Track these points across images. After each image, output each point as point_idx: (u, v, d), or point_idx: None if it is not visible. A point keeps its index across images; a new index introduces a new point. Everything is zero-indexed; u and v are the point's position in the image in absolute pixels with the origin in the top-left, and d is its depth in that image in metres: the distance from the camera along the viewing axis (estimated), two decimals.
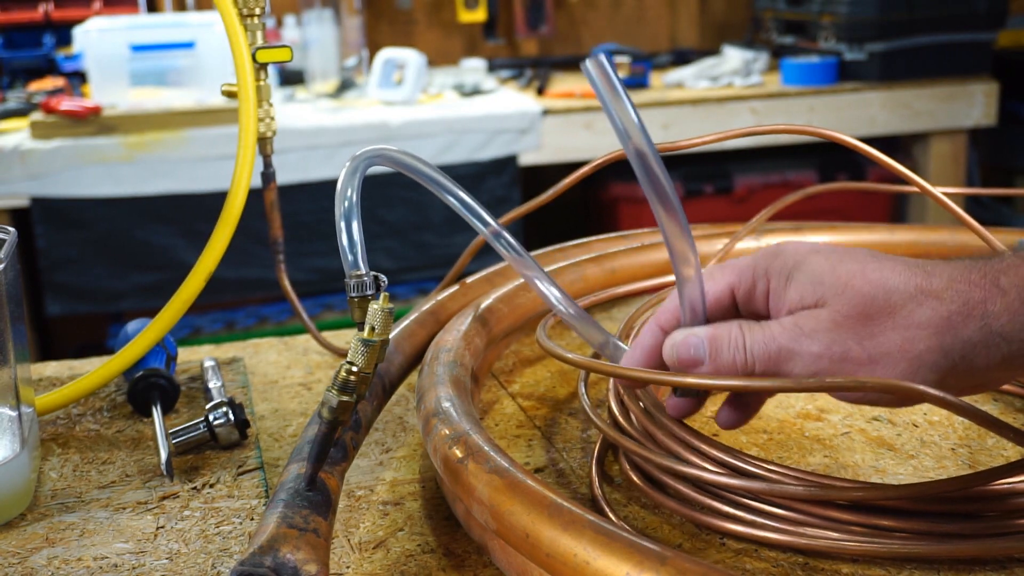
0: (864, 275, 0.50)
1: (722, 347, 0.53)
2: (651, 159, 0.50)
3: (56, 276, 2.28)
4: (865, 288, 0.50)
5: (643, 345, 0.57)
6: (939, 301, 0.49)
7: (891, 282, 0.50)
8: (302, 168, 2.32)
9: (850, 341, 0.50)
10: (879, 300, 0.49)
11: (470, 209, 0.65)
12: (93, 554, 0.58)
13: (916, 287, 0.49)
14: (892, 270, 0.50)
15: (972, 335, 0.48)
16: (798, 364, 0.51)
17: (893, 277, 0.50)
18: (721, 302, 0.55)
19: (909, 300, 0.49)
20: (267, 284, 2.36)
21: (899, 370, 0.49)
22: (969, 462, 0.64)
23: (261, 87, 0.78)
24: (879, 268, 0.50)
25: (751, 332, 0.52)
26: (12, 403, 0.62)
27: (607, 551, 0.44)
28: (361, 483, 0.65)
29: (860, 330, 0.50)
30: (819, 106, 2.62)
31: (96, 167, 2.23)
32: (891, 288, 0.49)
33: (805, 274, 0.52)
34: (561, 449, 0.68)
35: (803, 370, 0.51)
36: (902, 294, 0.49)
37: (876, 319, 0.49)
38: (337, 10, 2.93)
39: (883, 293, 0.49)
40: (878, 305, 0.49)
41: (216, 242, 0.74)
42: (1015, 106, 2.88)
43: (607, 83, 0.49)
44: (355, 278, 0.64)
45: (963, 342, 0.48)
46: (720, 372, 0.53)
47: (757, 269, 0.54)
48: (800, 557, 0.54)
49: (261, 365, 0.86)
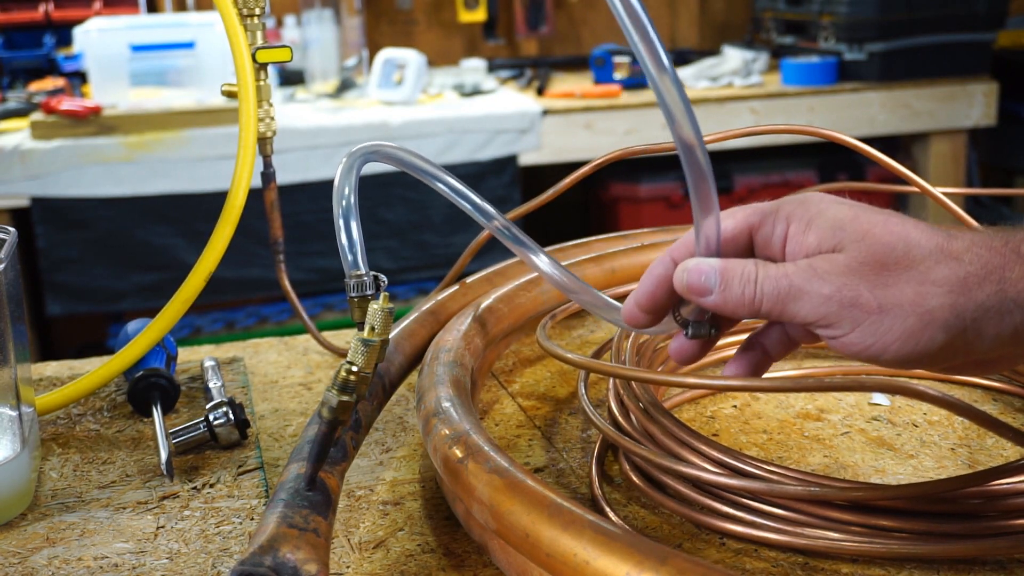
0: (886, 226, 0.50)
1: (733, 278, 0.51)
2: (670, 80, 0.49)
3: (56, 276, 2.28)
4: (886, 238, 0.49)
5: (654, 273, 0.56)
6: (958, 262, 0.48)
7: (912, 236, 0.49)
8: (302, 168, 2.32)
9: (862, 287, 0.49)
10: (898, 251, 0.49)
11: (466, 198, 0.65)
12: (93, 554, 0.58)
13: (937, 246, 0.49)
14: (915, 227, 0.50)
15: (986, 299, 0.48)
16: (805, 305, 0.50)
17: (915, 233, 0.49)
18: (737, 240, 0.54)
19: (928, 256, 0.49)
20: (267, 284, 2.36)
21: (908, 324, 0.48)
22: (969, 462, 0.64)
23: (261, 87, 0.78)
24: (902, 223, 0.50)
25: (764, 268, 0.51)
26: (12, 403, 0.62)
27: (607, 551, 0.44)
28: (361, 483, 0.65)
29: (874, 278, 0.49)
30: (819, 106, 2.62)
31: (96, 167, 2.23)
32: (912, 242, 0.49)
33: (826, 220, 0.51)
34: (561, 449, 0.68)
35: (810, 312, 0.50)
36: (922, 249, 0.49)
37: (892, 269, 0.49)
38: (337, 10, 2.93)
39: (903, 245, 0.49)
40: (896, 256, 0.49)
41: (216, 242, 0.74)
42: (1015, 106, 2.88)
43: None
44: (355, 278, 0.64)
45: (976, 305, 0.48)
46: (728, 304, 0.52)
47: (779, 212, 0.53)
48: (800, 557, 0.54)
49: (261, 365, 0.86)
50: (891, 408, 0.72)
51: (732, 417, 0.72)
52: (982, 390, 0.74)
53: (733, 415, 0.72)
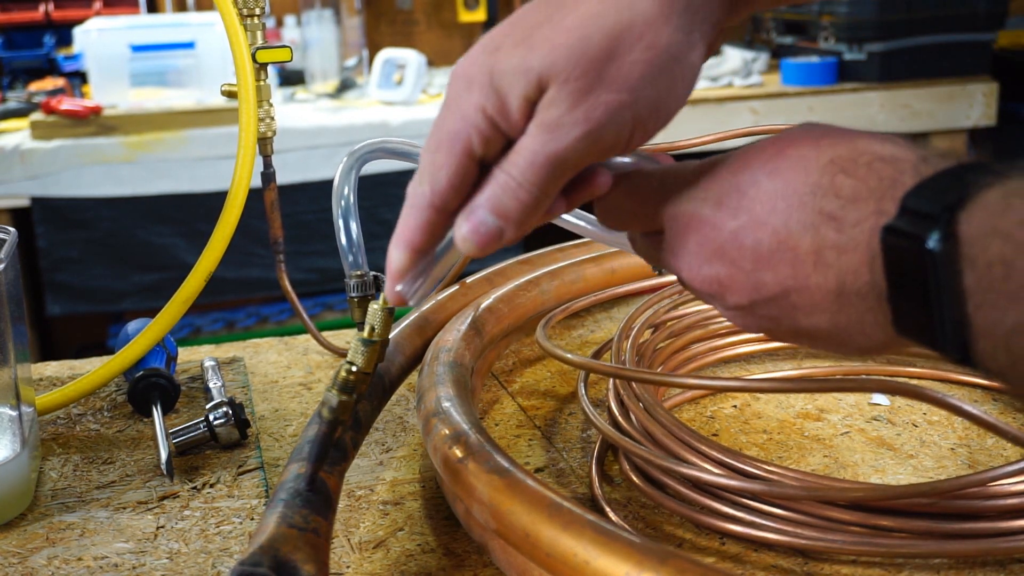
0: (565, 30, 0.43)
1: (504, 200, 0.44)
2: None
3: (57, 276, 2.28)
4: (574, 43, 0.42)
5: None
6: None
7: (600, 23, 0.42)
8: (302, 168, 2.32)
9: (590, 93, 0.42)
10: (593, 45, 0.42)
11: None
12: (93, 554, 0.58)
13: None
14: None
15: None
16: (572, 160, 0.43)
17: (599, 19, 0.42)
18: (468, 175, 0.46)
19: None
20: (267, 284, 2.36)
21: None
22: (968, 462, 0.64)
23: (261, 87, 0.78)
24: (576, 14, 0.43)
25: (509, 164, 0.44)
26: (12, 403, 0.62)
27: (607, 551, 0.44)
28: (361, 483, 0.65)
29: (597, 79, 0.42)
30: (819, 106, 2.62)
31: (96, 167, 2.23)
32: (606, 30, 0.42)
33: (515, 73, 0.43)
34: (561, 449, 0.68)
35: (578, 160, 0.44)
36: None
37: (601, 66, 0.42)
38: (337, 10, 2.93)
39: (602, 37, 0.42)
40: (595, 51, 0.42)
41: (216, 242, 0.74)
42: (1014, 106, 2.88)
43: None
44: (355, 278, 0.64)
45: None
46: (520, 223, 0.45)
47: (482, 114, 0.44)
48: (800, 557, 0.54)
49: (261, 365, 0.86)
50: (891, 408, 0.72)
51: (732, 417, 0.72)
52: (982, 390, 0.74)
53: (733, 415, 0.72)
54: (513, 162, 0.44)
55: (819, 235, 0.41)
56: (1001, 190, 0.35)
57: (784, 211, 0.42)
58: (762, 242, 0.42)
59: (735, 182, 0.44)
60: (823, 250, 0.41)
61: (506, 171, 0.44)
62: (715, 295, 0.45)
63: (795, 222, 0.41)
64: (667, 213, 0.46)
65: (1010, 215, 0.34)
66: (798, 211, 0.41)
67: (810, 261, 0.41)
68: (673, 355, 0.76)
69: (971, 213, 0.35)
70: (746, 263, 0.43)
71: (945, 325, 0.36)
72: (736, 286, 0.44)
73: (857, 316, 0.41)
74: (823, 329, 0.42)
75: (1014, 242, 0.33)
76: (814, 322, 0.42)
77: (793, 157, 0.43)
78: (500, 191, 0.44)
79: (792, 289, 0.42)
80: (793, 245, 0.41)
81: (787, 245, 0.42)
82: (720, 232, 0.44)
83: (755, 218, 0.43)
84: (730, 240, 0.43)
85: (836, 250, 0.40)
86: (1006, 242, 0.33)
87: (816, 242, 0.41)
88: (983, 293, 0.34)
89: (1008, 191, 0.35)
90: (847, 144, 0.42)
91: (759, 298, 0.43)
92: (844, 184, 0.40)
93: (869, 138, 0.42)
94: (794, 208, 0.42)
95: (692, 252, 0.45)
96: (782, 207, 0.42)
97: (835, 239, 0.40)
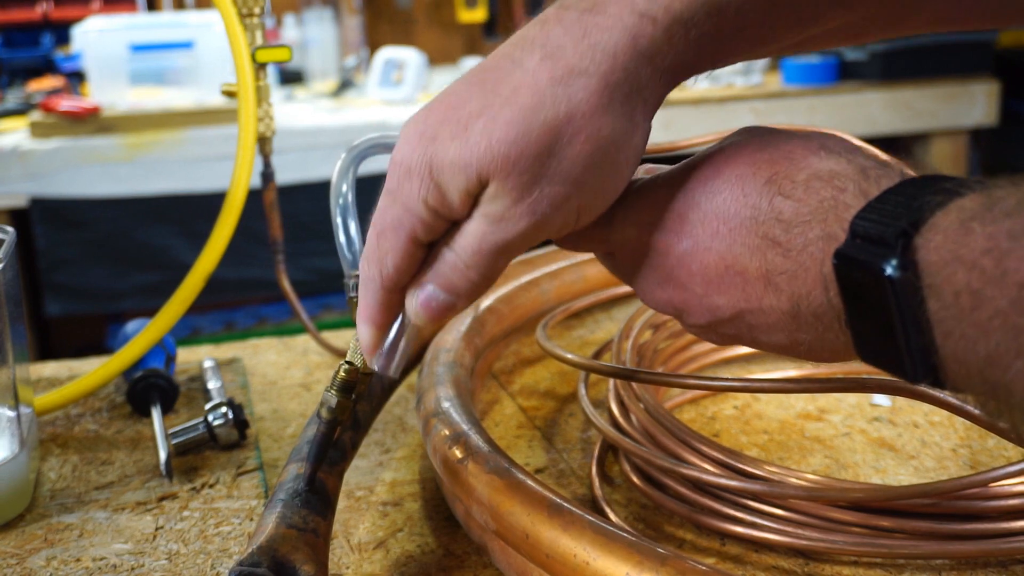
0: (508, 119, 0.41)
1: (452, 278, 0.44)
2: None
3: (56, 276, 2.27)
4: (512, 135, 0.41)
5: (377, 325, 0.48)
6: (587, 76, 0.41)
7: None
8: (302, 168, 2.31)
9: (534, 187, 0.41)
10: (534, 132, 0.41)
11: None
12: (92, 555, 0.57)
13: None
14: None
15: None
16: (518, 245, 0.43)
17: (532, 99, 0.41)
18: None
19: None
20: (267, 284, 2.35)
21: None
22: (970, 463, 0.64)
23: (260, 87, 0.78)
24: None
25: (457, 247, 0.44)
26: (11, 403, 0.62)
27: (607, 551, 0.44)
28: (361, 483, 0.65)
29: (536, 171, 0.41)
30: (820, 106, 2.62)
31: (95, 167, 2.22)
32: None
33: (453, 167, 0.42)
34: (561, 449, 0.68)
35: (525, 244, 0.43)
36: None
37: (541, 160, 0.41)
38: (337, 10, 2.93)
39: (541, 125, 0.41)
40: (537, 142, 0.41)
41: (215, 242, 0.74)
42: (1016, 106, 2.88)
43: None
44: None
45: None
46: (472, 296, 0.45)
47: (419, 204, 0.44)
48: (801, 558, 0.54)
49: (260, 365, 0.86)
50: (892, 409, 0.72)
51: (733, 418, 0.71)
52: None
53: (734, 415, 0.72)
54: (461, 245, 0.44)
55: (766, 259, 0.40)
56: (956, 213, 0.34)
57: (727, 235, 0.42)
58: (709, 267, 0.42)
59: (675, 206, 0.44)
60: (772, 275, 0.40)
61: (455, 251, 0.44)
62: (674, 316, 0.46)
63: (740, 246, 0.41)
64: (613, 239, 0.46)
65: (972, 242, 0.33)
66: (741, 235, 0.41)
67: (760, 284, 0.41)
68: (674, 355, 0.75)
69: (927, 239, 0.34)
70: (697, 287, 0.43)
71: (912, 351, 0.35)
72: (691, 309, 0.44)
73: (817, 335, 0.40)
74: (784, 345, 0.43)
75: (981, 271, 0.32)
76: (774, 340, 0.43)
77: (731, 177, 0.43)
78: (449, 271, 0.44)
79: (746, 311, 0.42)
80: (741, 269, 0.41)
81: (734, 270, 0.42)
82: (667, 257, 0.44)
83: (699, 243, 0.43)
84: (677, 265, 0.44)
85: (786, 275, 0.40)
86: (971, 271, 0.32)
87: (763, 266, 0.41)
88: (952, 322, 0.33)
89: (964, 214, 0.34)
90: (784, 160, 0.42)
91: (715, 320, 0.44)
92: (784, 207, 0.40)
93: (805, 148, 0.42)
94: (736, 232, 0.41)
95: (644, 277, 0.46)
96: (724, 231, 0.42)
97: (783, 264, 0.40)
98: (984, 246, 0.32)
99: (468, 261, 0.44)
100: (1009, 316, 0.31)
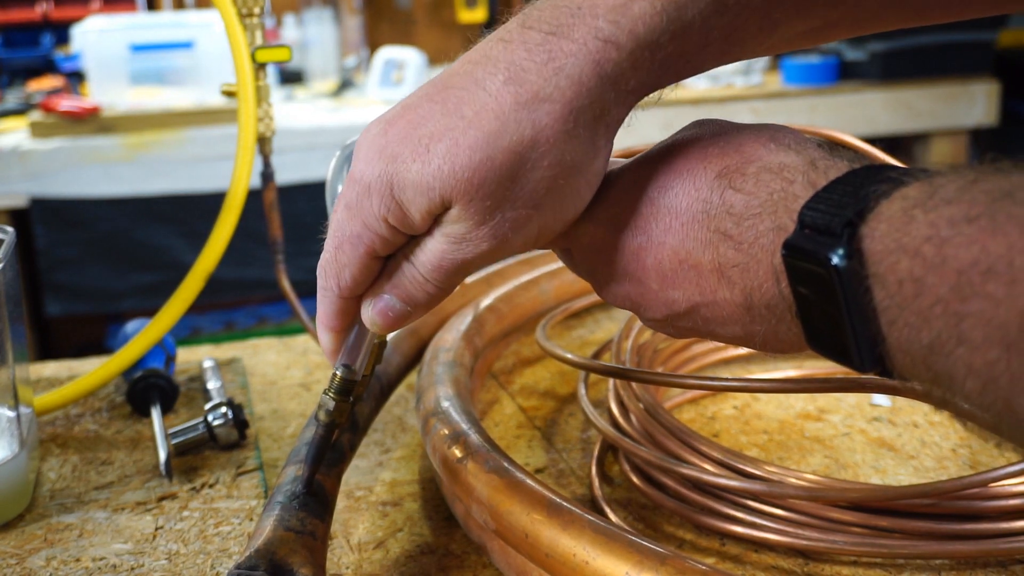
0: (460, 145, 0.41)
1: (411, 291, 0.45)
2: None
3: (55, 276, 2.27)
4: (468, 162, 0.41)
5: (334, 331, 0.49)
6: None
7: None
8: (302, 168, 2.31)
9: (496, 212, 0.42)
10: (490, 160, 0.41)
11: None
12: (92, 555, 0.57)
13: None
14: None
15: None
16: (478, 263, 0.44)
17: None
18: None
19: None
20: (267, 284, 2.35)
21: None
22: (970, 463, 0.64)
23: (260, 87, 0.78)
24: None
25: (417, 261, 0.44)
26: (11, 403, 0.62)
27: (607, 551, 0.44)
28: (360, 484, 0.65)
29: (495, 207, 0.41)
30: (820, 106, 2.62)
31: (95, 167, 2.22)
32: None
33: (415, 188, 0.42)
34: (561, 449, 0.68)
35: (485, 263, 0.44)
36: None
37: (503, 185, 0.41)
38: (337, 10, 2.93)
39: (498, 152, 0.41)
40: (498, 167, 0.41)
41: (215, 242, 0.74)
42: (1016, 106, 2.88)
43: None
44: None
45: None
46: (428, 308, 0.46)
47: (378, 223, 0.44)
48: (800, 558, 0.54)
49: (260, 365, 0.86)
50: (892, 409, 0.71)
51: (732, 418, 0.71)
52: None
53: (733, 415, 0.72)
54: (421, 261, 0.44)
55: (718, 253, 0.41)
56: (900, 201, 0.34)
57: (680, 230, 0.42)
58: (663, 262, 0.43)
59: (629, 200, 0.44)
60: (725, 268, 0.41)
61: (414, 265, 0.45)
62: (632, 311, 0.46)
63: (692, 240, 0.42)
64: (570, 236, 0.47)
65: (913, 230, 0.33)
66: (693, 229, 0.42)
67: (714, 278, 0.41)
68: (673, 355, 0.75)
69: (873, 227, 0.34)
70: (652, 282, 0.44)
71: (859, 341, 0.35)
72: (647, 303, 0.45)
73: (771, 327, 0.40)
74: (739, 337, 0.43)
75: (922, 259, 0.32)
76: (729, 332, 0.43)
77: (682, 172, 0.43)
78: (408, 283, 0.45)
79: (701, 304, 0.43)
80: (694, 263, 0.42)
81: (688, 264, 0.42)
82: (621, 253, 0.44)
83: (652, 238, 0.43)
84: (632, 261, 0.44)
85: (739, 268, 0.40)
86: (914, 259, 0.32)
87: (716, 259, 0.41)
88: (896, 310, 0.33)
89: (908, 202, 0.34)
90: (735, 152, 0.42)
91: (671, 313, 0.44)
92: (735, 200, 0.40)
93: (755, 140, 0.42)
94: (688, 226, 0.42)
95: (601, 272, 0.46)
96: (677, 226, 0.42)
97: (735, 257, 0.40)
98: (925, 234, 0.32)
99: (427, 276, 0.44)
100: (950, 303, 0.31)
